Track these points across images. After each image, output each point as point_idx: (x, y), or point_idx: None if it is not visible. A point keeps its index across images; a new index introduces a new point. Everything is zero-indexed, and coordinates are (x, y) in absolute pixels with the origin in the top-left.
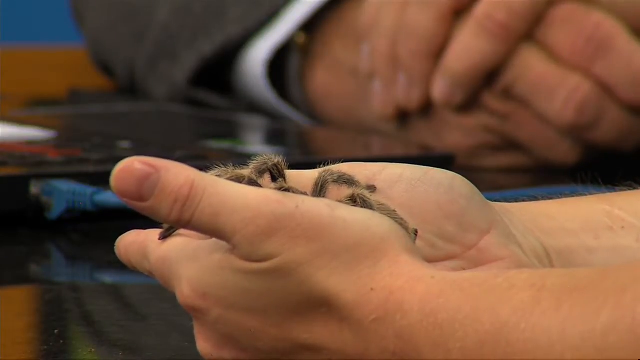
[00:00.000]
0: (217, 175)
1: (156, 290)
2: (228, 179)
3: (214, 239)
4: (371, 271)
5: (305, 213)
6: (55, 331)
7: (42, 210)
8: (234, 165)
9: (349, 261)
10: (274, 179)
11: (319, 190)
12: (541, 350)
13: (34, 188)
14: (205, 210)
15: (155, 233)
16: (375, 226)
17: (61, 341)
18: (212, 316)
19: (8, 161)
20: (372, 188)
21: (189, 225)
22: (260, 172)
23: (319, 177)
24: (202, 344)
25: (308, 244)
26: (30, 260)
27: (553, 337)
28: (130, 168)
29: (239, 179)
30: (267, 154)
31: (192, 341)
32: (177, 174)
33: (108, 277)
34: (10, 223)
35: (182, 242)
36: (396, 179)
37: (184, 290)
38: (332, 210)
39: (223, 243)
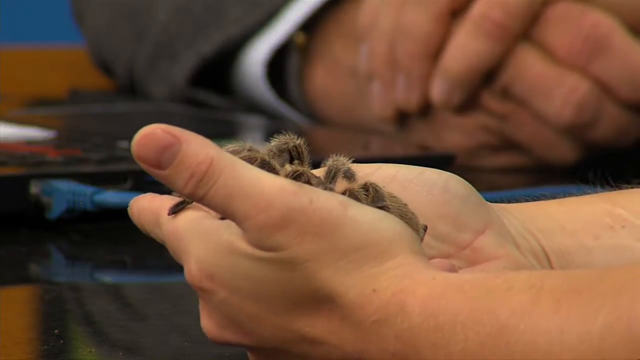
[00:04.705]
0: (233, 150)
1: (156, 290)
2: (241, 158)
3: (226, 221)
4: (375, 272)
5: (317, 210)
6: (55, 331)
7: (42, 210)
8: (253, 142)
9: (355, 261)
10: (292, 160)
11: (331, 177)
12: (540, 352)
13: (34, 188)
14: (219, 191)
15: (170, 200)
16: (385, 229)
17: (61, 341)
18: (218, 298)
19: (8, 161)
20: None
21: (202, 201)
22: (281, 151)
23: (332, 164)
24: (206, 322)
25: (316, 241)
26: (30, 260)
27: (552, 339)
28: (153, 135)
29: (251, 160)
30: (290, 135)
31: (192, 341)
32: (197, 149)
33: (108, 277)
34: (10, 223)
35: (196, 217)
36: (389, 180)
37: (192, 269)
38: (344, 209)
39: (234, 226)
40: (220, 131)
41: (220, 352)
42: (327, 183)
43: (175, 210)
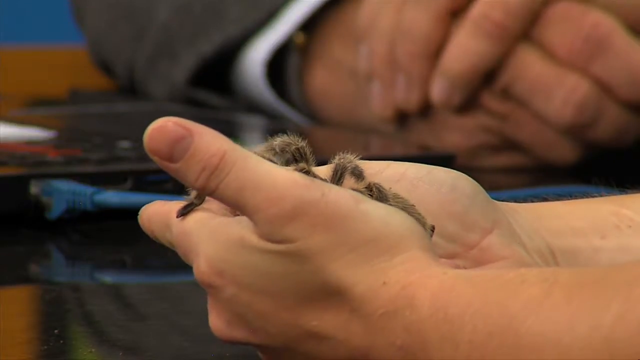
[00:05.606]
0: None
1: (156, 290)
2: None
3: (235, 218)
4: (385, 266)
5: (329, 203)
6: (55, 331)
7: (42, 210)
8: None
9: (365, 254)
10: (295, 161)
11: (338, 177)
12: (549, 343)
13: (34, 188)
14: (231, 184)
15: (179, 205)
16: (396, 224)
17: (61, 341)
18: (227, 294)
19: (8, 161)
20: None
21: (213, 194)
22: (283, 151)
23: (338, 164)
24: (214, 321)
25: (326, 234)
26: (30, 260)
27: (562, 330)
28: (164, 128)
29: None
30: (293, 137)
31: (192, 341)
32: (209, 142)
33: (108, 277)
34: (10, 223)
35: (204, 217)
36: (398, 178)
37: (201, 266)
38: (356, 203)
39: (244, 222)
40: (220, 131)
41: (220, 352)
42: (334, 184)
43: (184, 212)
